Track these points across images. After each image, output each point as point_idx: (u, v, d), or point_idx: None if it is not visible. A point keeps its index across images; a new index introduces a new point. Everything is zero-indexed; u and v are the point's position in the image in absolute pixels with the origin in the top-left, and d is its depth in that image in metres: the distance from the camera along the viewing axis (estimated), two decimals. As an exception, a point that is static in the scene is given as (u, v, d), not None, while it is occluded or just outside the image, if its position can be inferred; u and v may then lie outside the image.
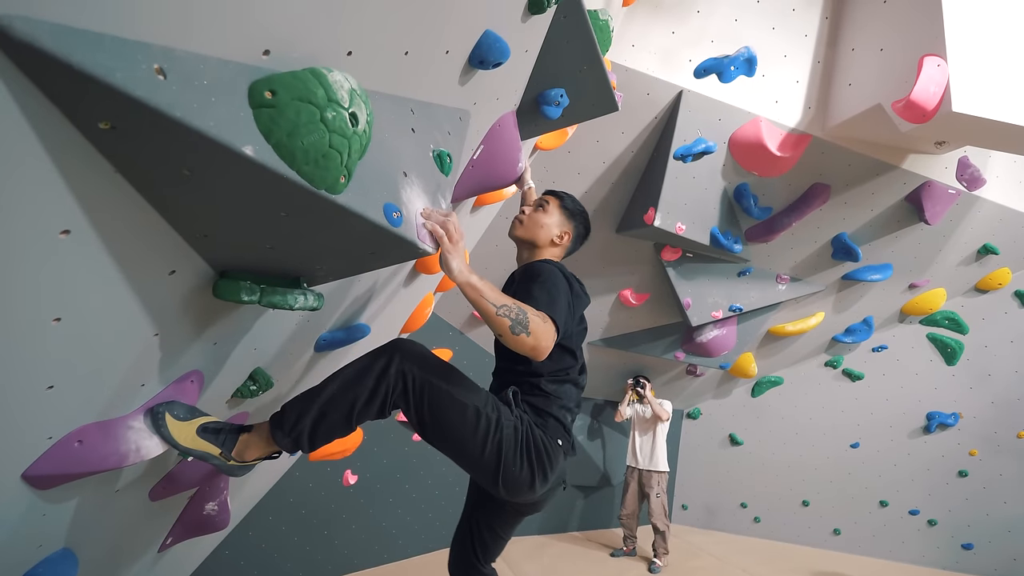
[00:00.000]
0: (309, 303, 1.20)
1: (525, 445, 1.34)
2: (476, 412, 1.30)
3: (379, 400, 1.25)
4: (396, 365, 1.25)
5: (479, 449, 1.30)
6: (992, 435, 4.42)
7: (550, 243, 1.62)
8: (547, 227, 1.63)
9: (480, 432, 1.30)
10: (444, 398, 1.28)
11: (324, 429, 1.26)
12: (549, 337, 1.25)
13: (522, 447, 1.33)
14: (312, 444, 1.28)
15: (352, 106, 0.88)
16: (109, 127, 0.66)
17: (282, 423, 1.27)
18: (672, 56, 2.89)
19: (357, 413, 1.25)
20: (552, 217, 1.65)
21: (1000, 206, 3.59)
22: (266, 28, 0.81)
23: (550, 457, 1.37)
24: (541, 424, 1.40)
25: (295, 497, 3.74)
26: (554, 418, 1.43)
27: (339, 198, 0.91)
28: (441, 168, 1.35)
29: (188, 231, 0.95)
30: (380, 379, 1.25)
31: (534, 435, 1.36)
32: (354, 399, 1.24)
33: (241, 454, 1.31)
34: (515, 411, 1.38)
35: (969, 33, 2.55)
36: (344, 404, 1.24)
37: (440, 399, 1.28)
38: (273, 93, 0.79)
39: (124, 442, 1.19)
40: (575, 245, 1.68)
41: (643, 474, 4.42)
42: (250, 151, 0.75)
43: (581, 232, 1.68)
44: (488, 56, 1.45)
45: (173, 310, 1.09)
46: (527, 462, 1.33)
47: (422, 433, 1.33)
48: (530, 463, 1.33)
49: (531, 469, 1.34)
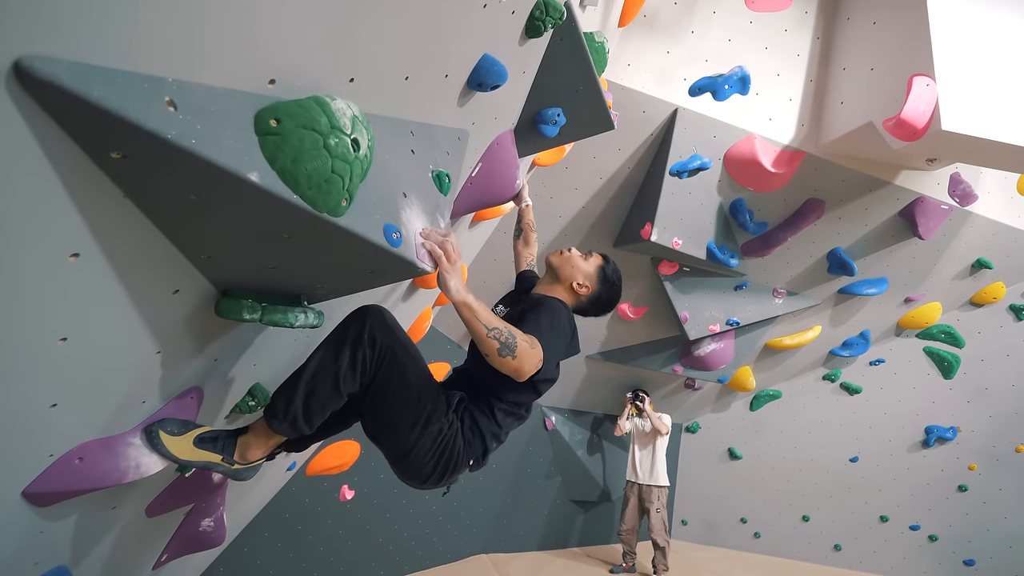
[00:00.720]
0: (309, 321, 1.22)
1: (442, 447, 1.39)
2: (418, 396, 1.35)
3: (359, 365, 1.28)
4: (368, 331, 1.28)
5: (404, 429, 1.35)
6: (991, 449, 4.42)
7: (570, 286, 1.66)
8: (576, 269, 1.67)
9: (412, 414, 1.35)
10: (396, 369, 1.32)
11: (316, 405, 1.28)
12: (533, 362, 1.28)
13: (439, 447, 1.39)
14: (308, 422, 1.29)
15: (354, 132, 0.91)
16: (121, 156, 0.68)
17: (275, 411, 1.28)
18: (667, 75, 2.94)
19: (344, 382, 1.28)
20: (587, 267, 1.69)
21: (992, 221, 3.63)
22: (271, 58, 0.85)
23: (455, 469, 1.44)
24: (469, 439, 1.45)
25: (291, 513, 3.71)
26: (483, 440, 1.48)
27: (340, 220, 0.94)
28: (440, 188, 1.38)
29: (193, 252, 0.97)
30: (356, 345, 1.27)
31: (455, 443, 1.42)
32: (337, 370, 1.26)
33: (243, 455, 1.33)
34: (450, 414, 1.42)
35: (957, 54, 2.61)
36: (328, 377, 1.27)
37: (392, 369, 1.32)
38: (278, 121, 0.82)
39: (124, 458, 1.20)
40: (589, 306, 1.70)
41: (643, 489, 4.40)
42: (255, 177, 0.78)
43: (603, 299, 1.69)
44: (486, 79, 1.49)
45: (176, 328, 1.11)
46: (434, 462, 1.39)
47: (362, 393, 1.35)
48: (436, 464, 1.40)
49: (433, 469, 1.40)
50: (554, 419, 4.86)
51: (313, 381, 1.27)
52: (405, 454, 1.38)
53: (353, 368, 1.27)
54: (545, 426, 4.86)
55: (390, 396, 1.34)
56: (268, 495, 3.54)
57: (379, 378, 1.32)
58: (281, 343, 1.58)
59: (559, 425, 4.87)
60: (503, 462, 4.67)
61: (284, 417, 1.27)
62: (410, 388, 1.34)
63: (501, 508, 4.70)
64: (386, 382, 1.32)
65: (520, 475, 4.77)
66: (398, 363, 1.32)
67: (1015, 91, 2.64)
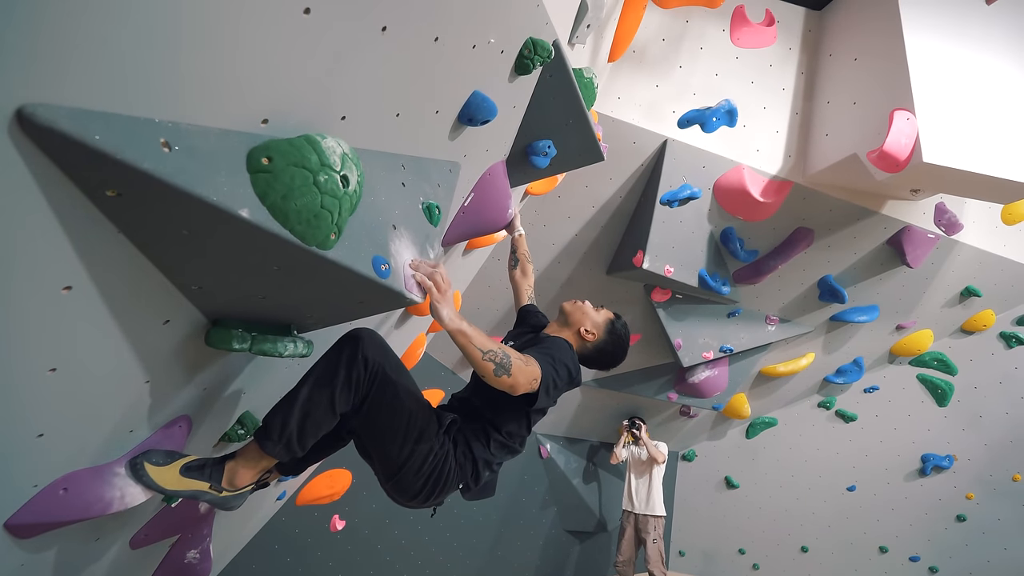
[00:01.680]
0: (299, 350, 1.23)
1: (432, 466, 1.42)
2: (410, 414, 1.38)
3: (354, 385, 1.31)
4: (361, 352, 1.32)
5: (395, 445, 1.38)
6: (988, 478, 4.39)
7: (578, 331, 1.71)
8: (586, 316, 1.73)
9: (403, 431, 1.38)
10: (388, 388, 1.35)
11: (311, 427, 1.30)
12: (528, 378, 1.33)
13: (429, 468, 1.42)
14: (302, 444, 1.30)
15: (344, 169, 0.95)
16: (116, 195, 0.71)
17: (269, 433, 1.29)
18: (656, 108, 3.03)
19: (338, 402, 1.30)
20: (597, 317, 1.75)
21: (979, 250, 3.69)
22: (265, 99, 0.89)
23: (444, 491, 1.47)
24: (460, 461, 1.48)
25: (280, 544, 3.63)
26: (474, 465, 1.51)
27: (329, 253, 0.96)
28: (430, 219, 1.41)
29: (185, 284, 0.99)
30: (350, 366, 1.30)
31: (446, 465, 1.45)
32: (331, 391, 1.29)
33: (232, 481, 1.32)
34: (440, 434, 1.45)
35: (935, 89, 2.71)
36: (323, 399, 1.29)
37: (385, 387, 1.35)
38: (270, 159, 0.85)
39: (110, 488, 1.20)
40: (594, 354, 1.73)
41: (639, 519, 4.33)
42: (246, 213, 0.81)
43: (607, 350, 1.73)
44: (476, 114, 1.54)
45: (165, 358, 1.12)
46: (423, 479, 1.42)
47: (353, 412, 1.36)
48: (425, 484, 1.43)
49: (422, 488, 1.43)
50: (549, 447, 4.81)
51: (308, 403, 1.28)
52: (396, 470, 1.41)
53: (348, 387, 1.30)
54: (540, 454, 4.80)
55: (383, 413, 1.37)
56: (257, 525, 3.47)
57: (372, 396, 1.34)
58: (271, 371, 1.59)
59: (554, 453, 4.82)
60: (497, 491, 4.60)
61: (279, 439, 1.28)
62: (402, 406, 1.38)
63: (495, 539, 4.61)
64: (379, 400, 1.35)
65: (514, 504, 4.69)
66: (390, 382, 1.36)
67: (993, 125, 2.73)
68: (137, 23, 0.66)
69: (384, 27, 1.00)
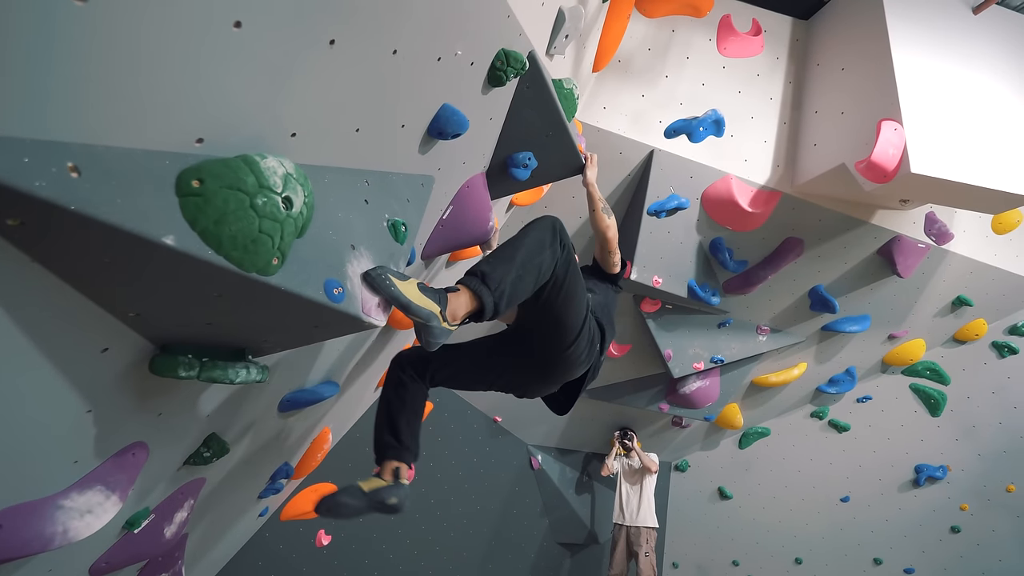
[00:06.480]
0: (252, 376, 1.18)
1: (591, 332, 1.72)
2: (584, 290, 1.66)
3: (555, 264, 1.48)
4: (559, 235, 1.50)
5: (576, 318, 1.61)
6: (982, 489, 4.33)
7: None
8: None
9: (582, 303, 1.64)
10: (574, 267, 1.57)
11: (519, 291, 1.40)
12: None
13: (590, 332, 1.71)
14: (508, 305, 1.39)
15: (286, 190, 0.89)
16: (19, 223, 0.66)
17: (488, 281, 1.35)
18: (642, 118, 2.99)
19: (542, 274, 1.44)
20: None
21: (969, 259, 3.65)
22: (199, 117, 0.83)
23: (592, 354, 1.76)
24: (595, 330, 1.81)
25: (264, 560, 3.56)
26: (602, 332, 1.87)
27: (272, 279, 0.91)
28: (395, 237, 1.36)
29: (119, 312, 0.93)
30: (553, 245, 1.47)
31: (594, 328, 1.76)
32: (540, 264, 1.43)
33: (454, 314, 1.32)
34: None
35: (922, 100, 2.67)
36: (534, 268, 1.42)
37: (573, 266, 1.56)
38: (201, 182, 0.80)
39: (51, 523, 1.13)
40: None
41: (631, 531, 4.26)
42: (170, 240, 0.75)
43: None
44: (447, 128, 1.50)
45: (107, 386, 1.07)
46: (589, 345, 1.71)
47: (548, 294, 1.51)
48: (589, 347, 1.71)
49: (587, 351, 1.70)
50: (540, 458, 4.75)
51: (522, 268, 1.39)
52: (575, 337, 1.62)
53: (552, 263, 1.46)
54: (531, 465, 4.74)
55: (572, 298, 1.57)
56: (240, 542, 3.40)
57: (569, 273, 1.52)
58: (233, 394, 1.53)
59: (545, 464, 4.75)
60: (487, 503, 4.53)
61: (495, 290, 1.35)
62: (582, 282, 1.64)
63: (486, 551, 4.53)
64: (572, 285, 1.55)
65: (505, 516, 4.62)
66: (575, 264, 1.58)
67: (981, 135, 2.70)
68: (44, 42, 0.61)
69: (332, 40, 0.95)
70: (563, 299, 1.54)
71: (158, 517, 1.73)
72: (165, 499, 1.72)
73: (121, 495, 1.30)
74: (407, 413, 1.64)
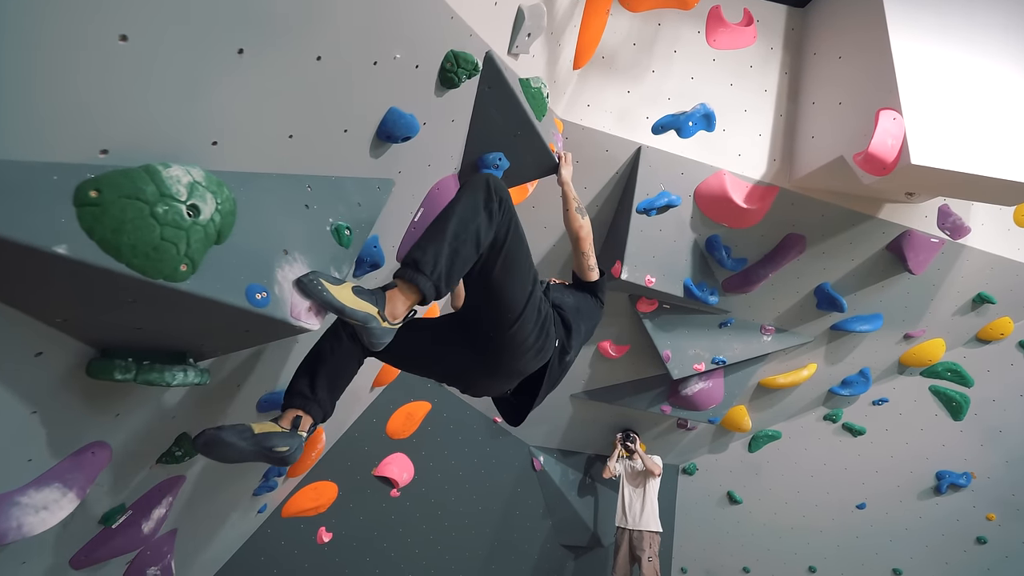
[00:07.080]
0: (190, 379, 1.21)
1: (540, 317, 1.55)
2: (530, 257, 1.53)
3: (494, 226, 1.37)
4: (496, 194, 1.38)
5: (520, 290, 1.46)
6: (1010, 498, 4.09)
7: None
8: None
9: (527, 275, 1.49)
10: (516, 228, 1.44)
11: (459, 265, 1.32)
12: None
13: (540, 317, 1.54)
14: (449, 285, 1.33)
15: (192, 198, 0.92)
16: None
17: (421, 267, 1.29)
18: (629, 114, 2.95)
19: (482, 238, 1.34)
20: None
21: (989, 254, 3.46)
22: (104, 128, 0.86)
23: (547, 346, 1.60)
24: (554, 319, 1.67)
25: (266, 556, 3.64)
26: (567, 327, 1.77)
27: (182, 285, 0.93)
28: (339, 241, 1.37)
29: (44, 318, 0.97)
30: (488, 203, 1.35)
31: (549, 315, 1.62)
32: (477, 228, 1.33)
33: (393, 312, 1.30)
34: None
35: (923, 87, 2.55)
36: (470, 236, 1.32)
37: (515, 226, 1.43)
38: (99, 192, 0.83)
39: (5, 519, 1.19)
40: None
41: (634, 535, 4.20)
42: (62, 250, 0.78)
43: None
44: (395, 131, 1.51)
45: (48, 388, 1.11)
46: (539, 330, 1.54)
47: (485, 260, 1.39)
48: (539, 333, 1.55)
49: (537, 338, 1.54)
50: (543, 459, 4.72)
51: (456, 241, 1.30)
52: (517, 316, 1.46)
53: (490, 224, 1.35)
54: (533, 467, 4.72)
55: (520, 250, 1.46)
56: (241, 539, 3.49)
57: (510, 232, 1.41)
58: (197, 393, 1.57)
59: (548, 466, 4.73)
60: (489, 503, 4.54)
61: (431, 274, 1.28)
62: (526, 248, 1.50)
63: (488, 552, 4.53)
64: (515, 236, 1.43)
65: (508, 517, 4.61)
66: (517, 222, 1.44)
67: (987, 123, 2.55)
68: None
69: (240, 49, 0.97)
70: (503, 263, 1.40)
71: (135, 513, 1.79)
72: (142, 496, 1.78)
73: (79, 492, 1.35)
74: (330, 367, 1.44)
